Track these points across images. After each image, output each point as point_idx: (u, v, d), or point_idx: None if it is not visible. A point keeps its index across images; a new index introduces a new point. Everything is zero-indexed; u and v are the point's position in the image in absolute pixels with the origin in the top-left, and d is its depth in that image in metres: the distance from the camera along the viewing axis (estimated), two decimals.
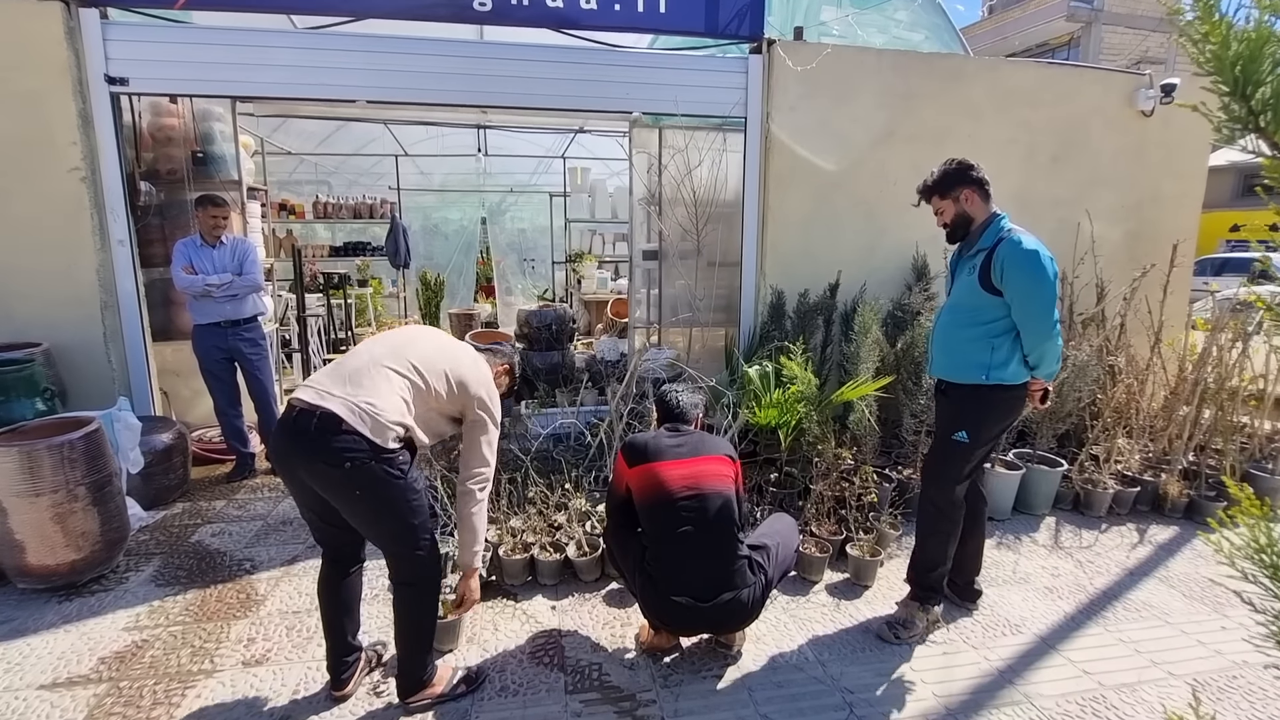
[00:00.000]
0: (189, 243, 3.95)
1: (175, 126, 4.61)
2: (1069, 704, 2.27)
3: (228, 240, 4.03)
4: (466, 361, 2.20)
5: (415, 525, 2.04)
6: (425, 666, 2.17)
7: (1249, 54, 0.66)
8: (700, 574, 2.22)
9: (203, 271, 3.88)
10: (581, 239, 9.03)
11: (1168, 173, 4.95)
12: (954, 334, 2.57)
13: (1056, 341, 2.42)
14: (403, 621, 2.13)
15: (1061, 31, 19.96)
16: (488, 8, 3.92)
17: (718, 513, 2.24)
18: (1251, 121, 0.71)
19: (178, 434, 3.85)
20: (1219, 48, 0.68)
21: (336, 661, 2.21)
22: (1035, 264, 2.34)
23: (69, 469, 2.77)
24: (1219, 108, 0.73)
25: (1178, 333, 4.33)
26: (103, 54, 3.69)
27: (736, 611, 2.27)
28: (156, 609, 2.77)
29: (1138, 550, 3.39)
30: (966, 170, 2.50)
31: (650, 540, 2.30)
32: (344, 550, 2.18)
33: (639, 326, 5.51)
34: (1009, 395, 2.51)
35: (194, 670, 2.39)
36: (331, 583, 2.17)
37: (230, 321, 3.97)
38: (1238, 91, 0.70)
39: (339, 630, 2.19)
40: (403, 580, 2.09)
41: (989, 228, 2.48)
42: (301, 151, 8.36)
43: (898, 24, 5.25)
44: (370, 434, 1.90)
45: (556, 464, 3.55)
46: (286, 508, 3.76)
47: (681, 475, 2.27)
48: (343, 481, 1.90)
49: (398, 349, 2.10)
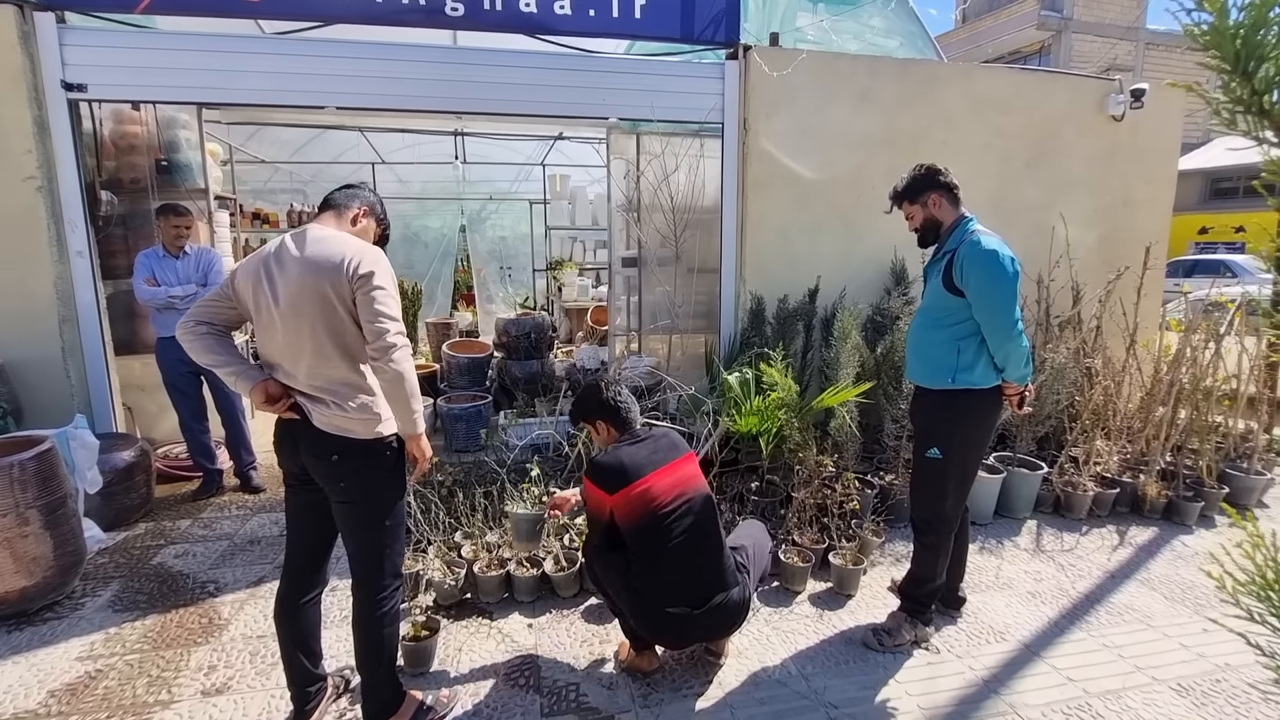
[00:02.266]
0: (151, 253, 3.83)
1: (138, 134, 4.48)
2: (1054, 713, 2.24)
3: (191, 250, 3.91)
4: (308, 262, 1.85)
5: (388, 527, 1.99)
6: (386, 689, 2.07)
7: (1251, 24, 0.59)
8: (692, 580, 2.18)
9: (165, 283, 3.76)
10: (562, 246, 8.96)
11: (1138, 177, 5.02)
12: (923, 337, 2.56)
13: (1019, 342, 2.37)
14: (362, 638, 2.02)
15: (1033, 39, 20.35)
16: (459, 12, 3.86)
17: (704, 513, 2.23)
18: (1255, 103, 0.62)
19: (140, 451, 3.71)
20: (1218, 19, 0.60)
21: (299, 692, 2.10)
22: (993, 263, 2.32)
23: (19, 491, 2.64)
24: (1218, 87, 0.66)
25: (1152, 334, 4.37)
26: (59, 59, 3.57)
27: (730, 612, 2.23)
28: (113, 636, 2.64)
29: (1119, 552, 3.38)
30: (934, 175, 2.49)
31: (639, 555, 2.20)
32: (306, 561, 2.08)
33: (619, 334, 5.45)
34: (978, 401, 2.46)
35: (150, 701, 2.27)
36: (288, 610, 2.06)
37: None
38: (1239, 68, 0.62)
39: (298, 662, 2.08)
40: (365, 584, 2.01)
41: (955, 230, 2.47)
42: (276, 160, 8.20)
43: (872, 30, 5.27)
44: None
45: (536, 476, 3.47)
46: (254, 526, 3.63)
47: (669, 485, 2.21)
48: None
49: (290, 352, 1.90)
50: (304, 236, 1.90)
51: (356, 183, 2.17)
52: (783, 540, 3.12)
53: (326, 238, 1.90)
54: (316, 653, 2.13)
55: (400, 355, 1.84)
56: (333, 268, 1.83)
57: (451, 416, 4.79)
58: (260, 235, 7.69)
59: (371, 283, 1.83)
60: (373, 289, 1.83)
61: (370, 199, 2.10)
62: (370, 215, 2.09)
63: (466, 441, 4.76)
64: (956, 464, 2.50)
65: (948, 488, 2.52)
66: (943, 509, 2.53)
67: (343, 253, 1.85)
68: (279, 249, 1.91)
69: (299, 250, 1.88)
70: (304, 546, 2.08)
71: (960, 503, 2.58)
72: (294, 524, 2.08)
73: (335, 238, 1.91)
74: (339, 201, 2.04)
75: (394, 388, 1.86)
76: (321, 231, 1.92)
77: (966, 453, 2.51)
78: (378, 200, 2.14)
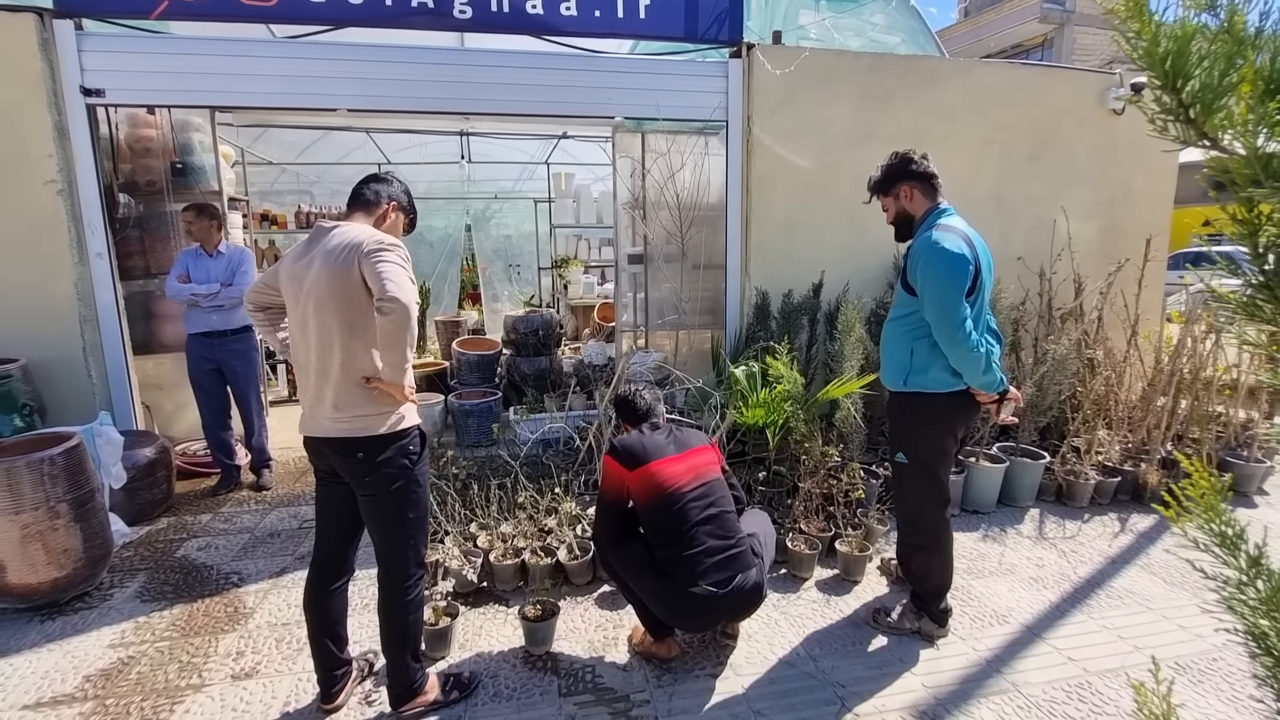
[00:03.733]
0: (190, 251, 3.98)
1: (153, 138, 4.57)
2: (1055, 691, 2.31)
3: (226, 250, 4.02)
4: (336, 264, 1.94)
5: (412, 519, 2.07)
6: (414, 672, 2.15)
7: (1177, 50, 0.70)
8: (717, 562, 2.24)
9: (197, 280, 3.88)
10: (567, 244, 9.04)
11: (1139, 170, 5.06)
12: (886, 336, 2.51)
13: (967, 346, 2.20)
14: (387, 624, 2.11)
15: (1035, 33, 20.33)
16: (468, 15, 3.93)
17: (722, 499, 2.32)
18: (1182, 113, 0.75)
19: (161, 448, 3.80)
20: (1150, 44, 0.72)
21: (326, 675, 2.19)
22: (936, 259, 2.19)
23: (50, 485, 2.73)
24: (1152, 100, 0.77)
25: (1153, 325, 4.43)
26: (78, 65, 3.65)
27: (750, 594, 2.29)
28: (142, 625, 2.74)
29: (1119, 539, 3.45)
30: (906, 164, 2.39)
31: (662, 541, 2.28)
32: (333, 550, 2.17)
33: (626, 330, 5.53)
34: (931, 405, 2.36)
35: (182, 685, 2.36)
36: (317, 598, 2.15)
37: (218, 332, 3.94)
38: (1169, 85, 0.74)
39: (325, 646, 2.17)
40: (390, 574, 2.10)
41: (923, 223, 2.37)
42: (283, 161, 8.29)
43: (874, 27, 5.33)
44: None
45: (546, 469, 3.55)
46: (274, 520, 3.72)
47: (684, 470, 2.30)
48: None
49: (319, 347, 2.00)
50: (333, 232, 1.99)
51: (383, 174, 2.24)
52: (790, 528, 3.19)
53: (348, 230, 1.99)
54: (343, 638, 2.22)
55: (405, 304, 1.85)
56: (348, 255, 1.92)
57: (463, 412, 4.87)
58: (269, 236, 7.81)
59: (382, 255, 1.91)
60: (381, 260, 1.90)
61: (396, 193, 2.18)
62: (399, 210, 2.19)
63: (478, 436, 4.84)
64: (922, 468, 2.44)
65: (921, 491, 2.48)
66: (923, 511, 2.52)
67: (359, 239, 1.94)
68: (309, 242, 2.03)
69: (326, 245, 1.97)
70: (333, 537, 2.17)
71: (938, 505, 2.50)
72: (323, 516, 2.17)
73: (356, 229, 2.00)
74: (368, 199, 2.13)
75: (393, 331, 1.87)
76: (347, 226, 2.01)
77: (930, 457, 2.44)
78: (402, 189, 2.22)
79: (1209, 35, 0.73)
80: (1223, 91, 0.71)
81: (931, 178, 2.39)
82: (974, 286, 2.27)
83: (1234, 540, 0.82)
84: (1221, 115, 0.72)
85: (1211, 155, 0.75)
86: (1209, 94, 0.71)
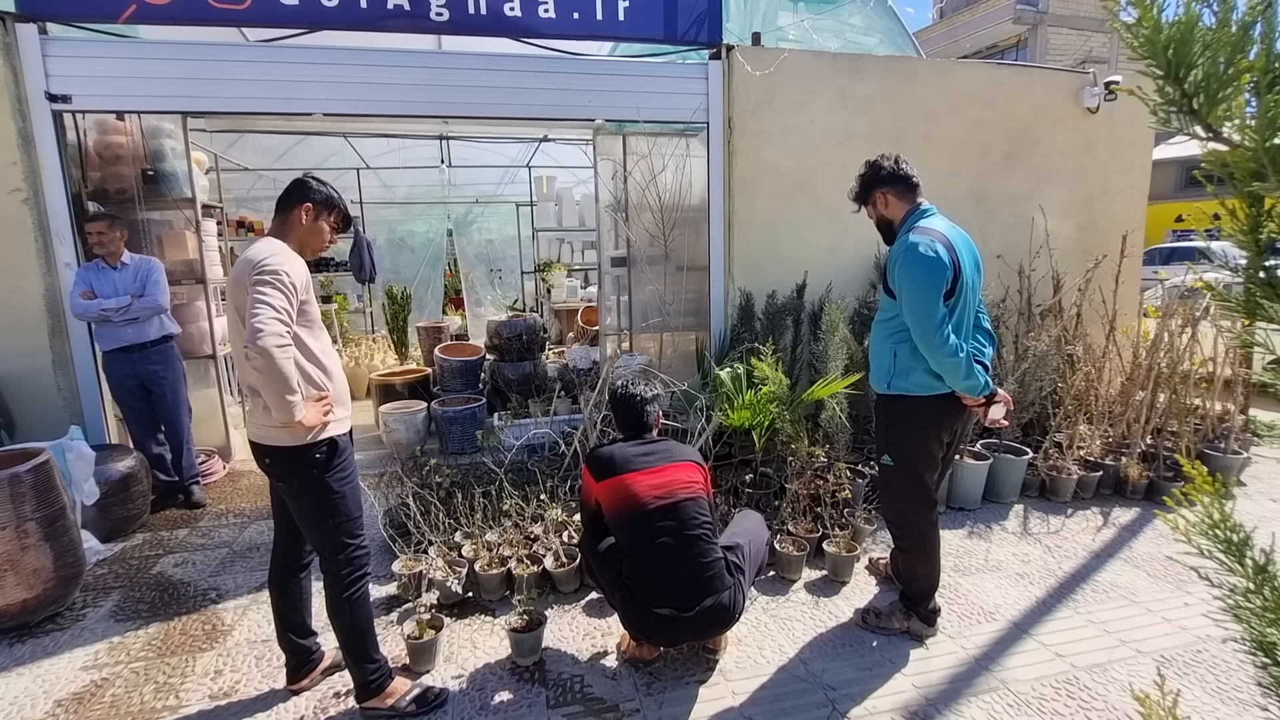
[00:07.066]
0: (90, 266, 3.71)
1: (124, 144, 4.45)
2: (1044, 687, 2.32)
3: (130, 260, 3.78)
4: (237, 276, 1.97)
5: (331, 523, 2.11)
6: (366, 671, 2.18)
7: (1180, 38, 0.68)
8: (679, 584, 2.20)
9: (103, 295, 3.63)
10: (550, 248, 8.99)
11: (1114, 167, 5.14)
12: (872, 339, 2.53)
13: (944, 352, 2.19)
14: (331, 621, 2.17)
15: (1010, 34, 20.64)
16: (444, 17, 3.88)
17: (691, 520, 2.23)
18: (1185, 104, 0.73)
19: (135, 462, 3.70)
20: (1151, 32, 0.70)
21: (291, 659, 2.33)
22: (910, 263, 2.19)
23: (17, 504, 2.64)
24: (1154, 90, 0.75)
25: (1131, 320, 4.49)
26: (42, 70, 3.56)
27: (719, 616, 2.26)
28: (117, 645, 2.66)
29: (1103, 533, 3.48)
30: (877, 172, 2.40)
31: (626, 553, 2.27)
32: (285, 540, 2.28)
33: (610, 333, 5.50)
34: (915, 408, 2.36)
35: (158, 707, 2.29)
36: (277, 579, 2.29)
37: (137, 345, 3.74)
38: (1171, 75, 0.72)
39: (286, 631, 2.30)
40: (327, 571, 2.15)
41: (903, 225, 2.37)
42: (259, 167, 8.16)
43: (852, 28, 5.36)
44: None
45: (531, 475, 3.51)
46: (252, 534, 3.64)
47: (652, 485, 2.25)
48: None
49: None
50: (247, 249, 2.02)
51: (304, 178, 2.14)
52: (778, 530, 3.18)
53: (253, 247, 1.99)
54: (304, 624, 2.34)
55: (267, 341, 1.81)
56: (242, 273, 1.94)
57: (447, 419, 4.81)
58: (246, 244, 7.68)
59: (258, 288, 1.88)
60: (256, 294, 1.87)
61: (311, 194, 2.09)
62: (314, 211, 2.11)
63: (462, 443, 4.79)
64: (907, 471, 2.44)
65: (905, 494, 2.48)
66: (908, 514, 2.52)
67: (253, 258, 1.93)
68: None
69: (240, 260, 2.01)
70: (282, 527, 2.29)
71: (924, 508, 2.49)
72: (275, 507, 2.28)
73: (256, 247, 1.98)
74: (281, 207, 2.11)
75: (264, 375, 1.85)
76: (255, 243, 2.02)
77: (915, 460, 2.44)
78: (317, 187, 2.11)
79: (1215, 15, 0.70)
80: (1227, 81, 0.68)
81: (906, 179, 2.38)
82: (954, 289, 2.25)
83: (1239, 547, 0.81)
84: (1224, 107, 0.70)
85: (1209, 149, 0.73)
86: (1213, 83, 0.69)
